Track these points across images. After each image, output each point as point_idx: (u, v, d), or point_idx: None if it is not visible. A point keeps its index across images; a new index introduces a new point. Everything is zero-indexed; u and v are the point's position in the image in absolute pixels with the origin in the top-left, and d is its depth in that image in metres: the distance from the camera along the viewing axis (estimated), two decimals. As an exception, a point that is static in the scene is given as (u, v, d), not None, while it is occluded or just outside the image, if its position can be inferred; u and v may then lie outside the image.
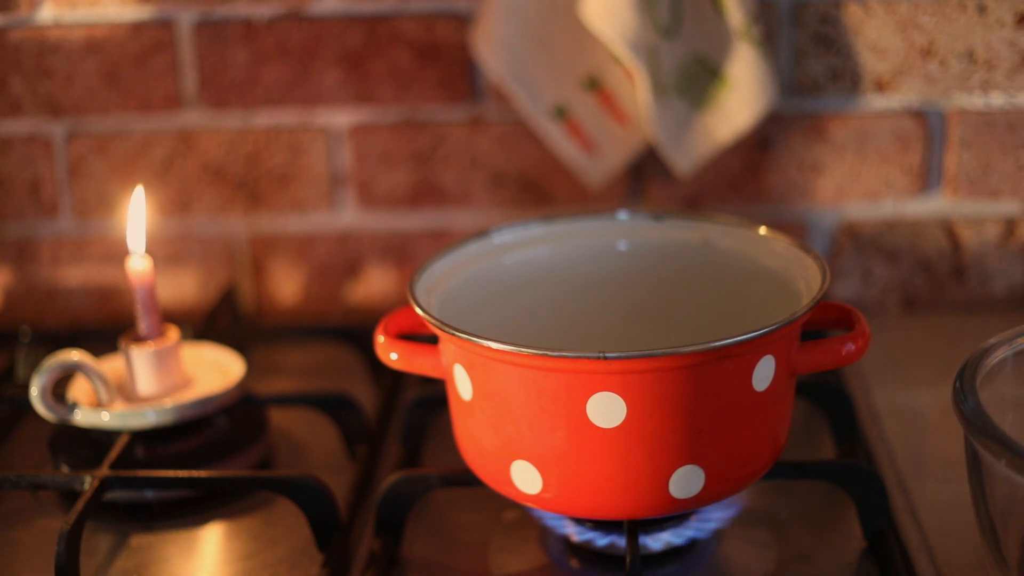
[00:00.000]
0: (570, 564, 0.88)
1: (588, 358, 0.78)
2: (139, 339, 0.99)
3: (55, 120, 1.22)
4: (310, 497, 0.89)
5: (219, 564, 0.90)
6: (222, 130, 1.22)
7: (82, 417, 0.97)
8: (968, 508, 0.79)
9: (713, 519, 0.89)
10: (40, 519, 0.95)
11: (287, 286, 1.26)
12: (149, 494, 0.95)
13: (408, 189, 1.23)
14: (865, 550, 0.88)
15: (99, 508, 0.93)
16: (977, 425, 0.74)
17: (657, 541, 0.87)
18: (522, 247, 0.97)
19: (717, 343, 0.78)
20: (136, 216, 1.00)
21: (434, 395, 1.00)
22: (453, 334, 0.81)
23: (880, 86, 1.17)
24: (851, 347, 0.84)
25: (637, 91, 1.14)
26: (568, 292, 0.98)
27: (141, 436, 0.98)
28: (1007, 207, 1.20)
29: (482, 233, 0.96)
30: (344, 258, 1.25)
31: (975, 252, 1.21)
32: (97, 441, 0.99)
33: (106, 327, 1.19)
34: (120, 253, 1.21)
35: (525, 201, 1.22)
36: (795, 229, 1.21)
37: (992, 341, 0.82)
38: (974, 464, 0.76)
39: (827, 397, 0.99)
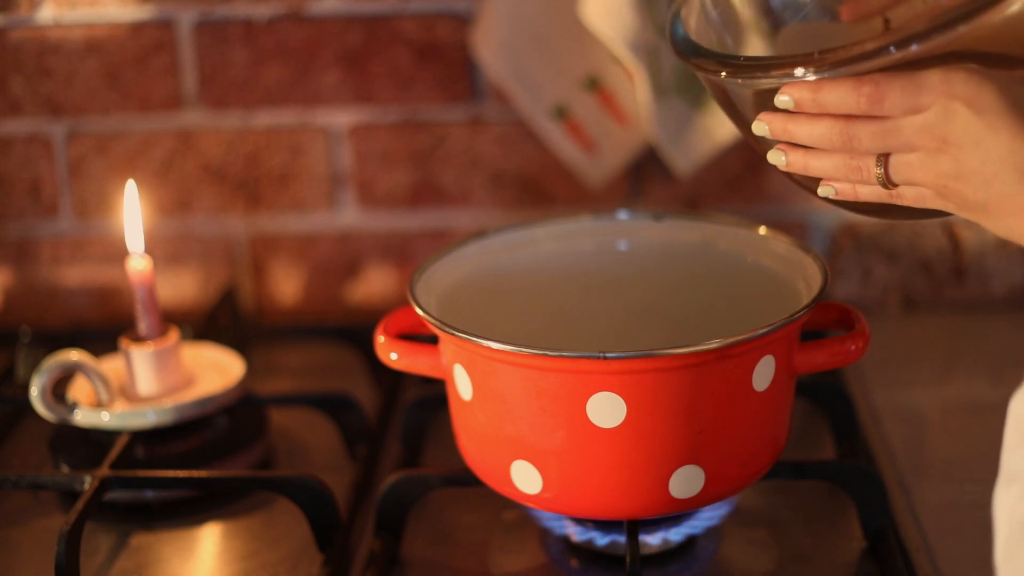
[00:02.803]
0: (570, 564, 0.88)
1: (588, 358, 0.78)
2: (139, 339, 0.99)
3: (55, 120, 1.22)
4: (310, 497, 0.89)
5: (219, 564, 0.90)
6: (222, 130, 1.22)
7: (82, 417, 0.97)
8: (968, 508, 0.79)
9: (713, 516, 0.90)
10: (40, 519, 0.95)
11: (287, 286, 1.26)
12: (149, 494, 0.95)
13: (408, 189, 1.23)
14: (865, 550, 0.88)
15: (99, 508, 0.93)
16: (691, 50, 0.74)
17: (656, 538, 0.87)
18: (522, 247, 0.97)
19: (717, 343, 0.78)
20: (131, 213, 1.00)
21: (434, 395, 1.00)
22: (453, 334, 0.81)
23: (880, 86, 1.17)
24: (851, 347, 0.84)
25: (637, 91, 1.14)
26: (568, 292, 0.98)
27: (141, 436, 0.98)
28: (1007, 207, 1.20)
29: (482, 233, 0.96)
30: (344, 258, 1.25)
31: (975, 252, 1.21)
32: (97, 441, 0.99)
33: (106, 327, 1.18)
34: (120, 253, 1.21)
35: (525, 201, 1.22)
36: (795, 229, 1.21)
37: None
38: (727, 103, 0.75)
39: (827, 397, 0.99)
